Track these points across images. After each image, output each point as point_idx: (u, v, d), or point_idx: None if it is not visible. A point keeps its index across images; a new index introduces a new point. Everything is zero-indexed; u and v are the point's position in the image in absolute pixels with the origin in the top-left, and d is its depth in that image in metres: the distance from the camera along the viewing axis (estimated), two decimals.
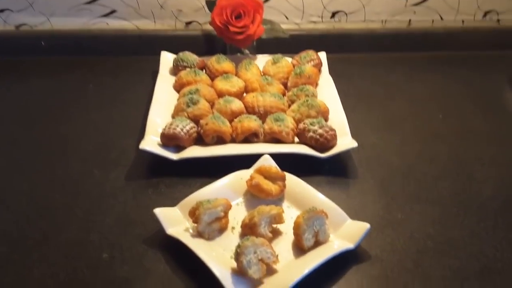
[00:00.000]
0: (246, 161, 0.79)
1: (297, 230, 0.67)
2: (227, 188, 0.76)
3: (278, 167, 0.77)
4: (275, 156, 0.79)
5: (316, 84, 1.01)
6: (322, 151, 0.83)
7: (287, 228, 0.70)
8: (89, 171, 0.83)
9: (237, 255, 0.62)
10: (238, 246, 0.62)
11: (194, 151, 0.83)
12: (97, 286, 0.63)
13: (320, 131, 0.83)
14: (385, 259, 0.67)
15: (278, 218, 0.69)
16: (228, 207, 0.71)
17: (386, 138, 0.91)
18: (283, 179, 0.76)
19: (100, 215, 0.74)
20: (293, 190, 0.76)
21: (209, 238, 0.69)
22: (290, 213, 0.72)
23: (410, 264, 0.67)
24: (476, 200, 0.77)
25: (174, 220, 0.70)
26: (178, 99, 0.94)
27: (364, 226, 0.68)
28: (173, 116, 0.90)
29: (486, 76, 1.11)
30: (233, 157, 0.81)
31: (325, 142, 0.83)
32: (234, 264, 0.64)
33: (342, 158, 0.85)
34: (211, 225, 0.69)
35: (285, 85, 1.01)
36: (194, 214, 0.69)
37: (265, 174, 0.76)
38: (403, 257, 0.68)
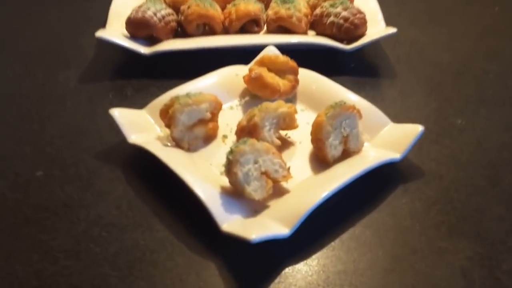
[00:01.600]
0: (244, 56, 0.58)
1: (318, 134, 0.45)
2: (218, 87, 0.54)
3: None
4: (283, 50, 0.58)
5: None
6: (347, 42, 0.61)
7: (301, 136, 0.49)
8: (29, 72, 0.62)
9: (229, 165, 0.41)
10: (231, 152, 0.41)
11: (173, 44, 0.61)
12: (21, 213, 0.42)
13: (344, 13, 0.61)
14: (445, 175, 0.47)
15: (288, 120, 0.48)
16: (216, 106, 0.49)
17: (430, 32, 0.70)
18: (295, 71, 0.54)
19: (38, 123, 0.53)
20: (309, 87, 0.55)
21: (190, 148, 0.48)
22: (306, 118, 0.51)
23: (482, 181, 0.47)
24: None
25: (140, 126, 0.49)
26: None
27: (415, 129, 0.47)
28: None
29: None
30: (225, 51, 0.61)
31: (352, 28, 0.60)
32: (225, 182, 0.43)
33: (373, 54, 0.64)
34: (192, 129, 0.48)
35: None
36: (166, 114, 0.47)
37: (270, 65, 0.54)
38: (471, 173, 0.47)
